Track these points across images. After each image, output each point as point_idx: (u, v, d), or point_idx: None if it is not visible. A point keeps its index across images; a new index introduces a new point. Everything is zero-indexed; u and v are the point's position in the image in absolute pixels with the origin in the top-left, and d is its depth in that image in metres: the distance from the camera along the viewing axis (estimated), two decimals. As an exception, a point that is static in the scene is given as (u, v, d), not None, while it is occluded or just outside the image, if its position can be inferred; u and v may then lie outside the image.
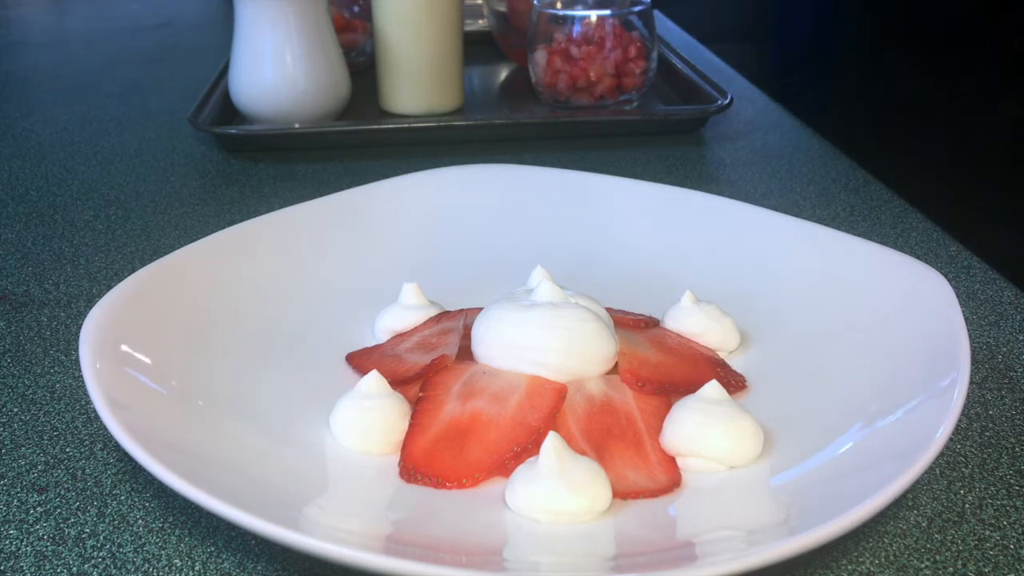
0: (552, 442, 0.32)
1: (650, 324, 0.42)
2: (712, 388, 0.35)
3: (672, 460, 0.34)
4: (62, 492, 0.35)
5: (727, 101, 0.73)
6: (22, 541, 0.32)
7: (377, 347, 0.42)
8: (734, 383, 0.38)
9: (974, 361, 0.41)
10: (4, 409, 0.40)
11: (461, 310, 0.43)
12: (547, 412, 0.35)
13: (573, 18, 0.76)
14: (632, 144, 0.72)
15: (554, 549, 0.30)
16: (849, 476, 0.30)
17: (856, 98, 1.49)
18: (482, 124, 0.72)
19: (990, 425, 0.38)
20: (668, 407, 0.35)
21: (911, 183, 0.72)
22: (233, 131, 0.71)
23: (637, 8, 0.77)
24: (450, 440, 0.34)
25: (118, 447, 0.37)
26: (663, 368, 0.38)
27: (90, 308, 0.36)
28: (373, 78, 0.78)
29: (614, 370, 0.37)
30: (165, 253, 0.41)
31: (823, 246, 0.43)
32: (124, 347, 0.35)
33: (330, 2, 0.78)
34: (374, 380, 0.36)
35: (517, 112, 0.81)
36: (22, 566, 0.31)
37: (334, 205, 0.48)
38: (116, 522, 0.33)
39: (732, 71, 0.94)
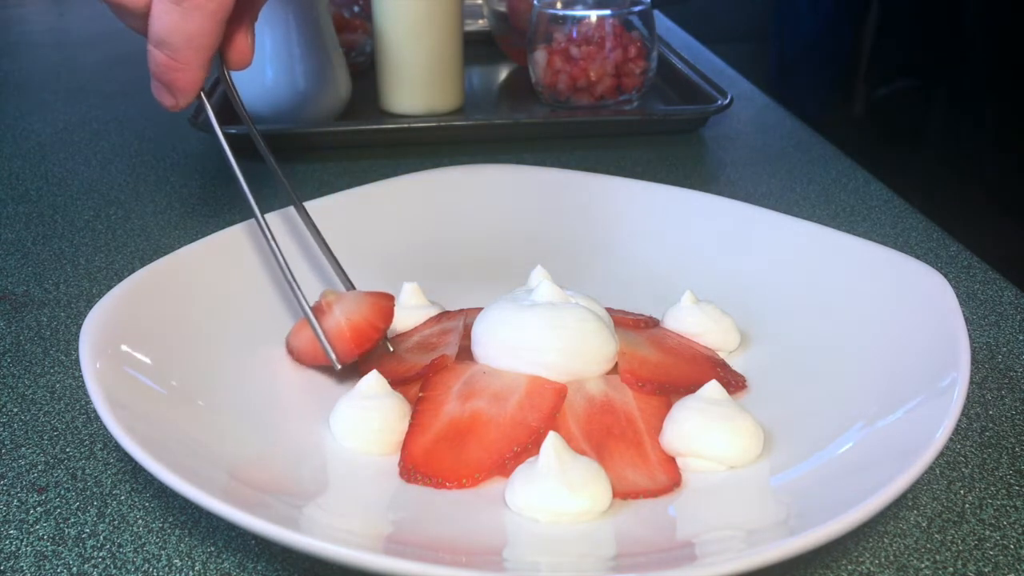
0: (552, 442, 0.32)
1: (650, 324, 0.42)
2: (712, 388, 0.35)
3: (672, 460, 0.34)
4: (62, 492, 0.35)
5: (727, 101, 0.73)
6: (22, 541, 0.32)
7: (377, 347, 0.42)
8: (734, 383, 0.38)
9: (974, 361, 0.41)
10: (4, 409, 0.40)
11: (461, 310, 0.43)
12: (547, 412, 0.35)
13: (573, 18, 0.76)
14: (632, 144, 0.72)
15: (554, 549, 0.30)
16: (849, 476, 0.30)
17: (856, 98, 1.49)
18: (482, 124, 0.72)
19: (990, 425, 0.38)
20: (668, 407, 0.35)
21: (911, 183, 0.72)
22: (233, 131, 0.71)
23: (637, 8, 0.77)
24: (450, 440, 0.34)
25: (118, 447, 0.37)
26: (663, 368, 0.38)
27: (90, 308, 0.36)
28: (373, 78, 0.78)
29: (614, 370, 0.37)
30: (165, 253, 0.41)
31: (823, 246, 0.43)
32: (124, 347, 0.35)
33: (330, 2, 0.78)
34: (374, 380, 0.36)
35: (517, 112, 0.81)
36: (22, 566, 0.31)
37: (334, 205, 0.48)
38: (116, 522, 0.33)
39: (732, 71, 0.94)
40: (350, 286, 0.44)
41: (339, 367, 0.38)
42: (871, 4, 1.44)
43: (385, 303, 0.40)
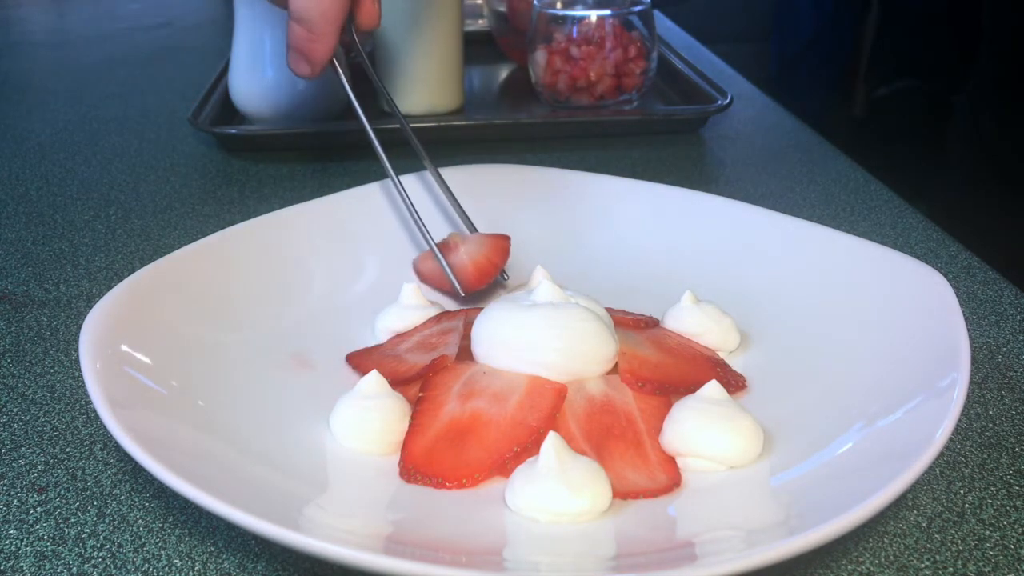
0: (552, 442, 0.32)
1: (650, 324, 0.42)
2: (712, 388, 0.35)
3: (672, 460, 0.34)
4: (62, 492, 0.35)
5: (727, 101, 0.73)
6: (22, 541, 0.32)
7: (377, 347, 0.42)
8: (734, 383, 0.38)
9: (974, 361, 0.41)
10: (4, 409, 0.40)
11: (461, 310, 0.43)
12: (547, 412, 0.35)
13: (573, 18, 0.76)
14: (632, 144, 0.72)
15: (554, 549, 0.30)
16: (849, 476, 0.30)
17: (856, 98, 1.50)
18: (482, 124, 0.72)
19: (990, 425, 0.38)
20: (668, 407, 0.35)
21: (911, 183, 0.72)
22: (233, 131, 0.71)
23: (637, 8, 0.77)
24: (450, 440, 0.34)
25: (118, 447, 0.37)
26: (663, 368, 0.38)
27: (90, 308, 0.36)
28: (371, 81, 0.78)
29: (614, 370, 0.37)
30: (165, 253, 0.41)
31: (823, 246, 0.43)
32: (124, 347, 0.35)
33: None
34: (374, 380, 0.36)
35: (517, 112, 0.81)
36: (22, 566, 0.31)
37: (334, 205, 0.48)
38: (116, 522, 0.33)
39: (732, 71, 0.94)
40: (473, 229, 0.49)
41: (463, 295, 0.44)
42: (871, 4, 1.44)
43: (502, 243, 0.46)
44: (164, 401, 0.34)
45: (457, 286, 0.44)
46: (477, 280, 0.45)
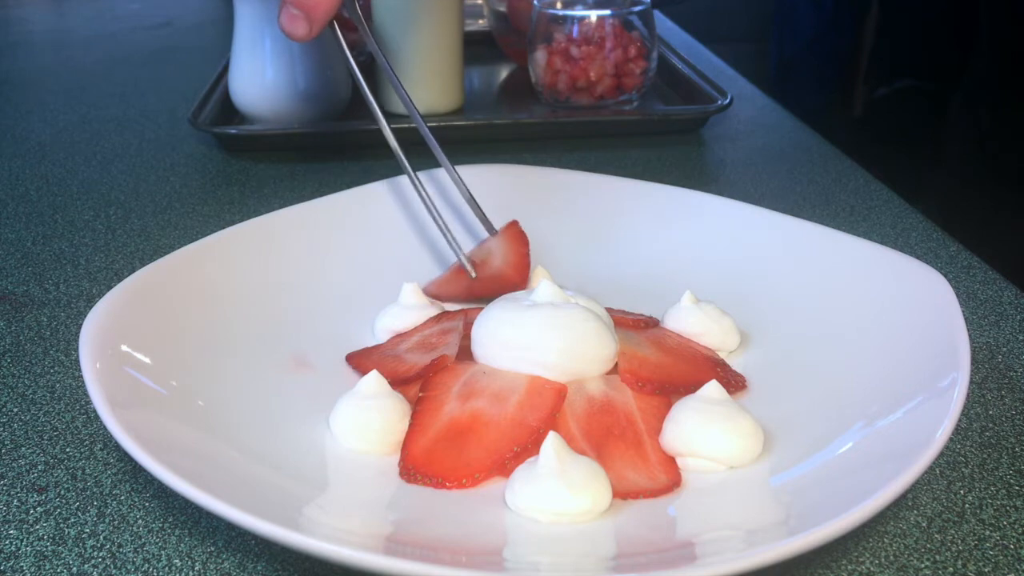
0: (552, 442, 0.32)
1: (650, 324, 0.42)
2: (712, 388, 0.35)
3: (672, 460, 0.34)
4: (62, 492, 0.35)
5: (727, 101, 0.73)
6: (22, 541, 0.32)
7: (377, 347, 0.42)
8: (734, 383, 0.38)
9: (974, 361, 0.41)
10: (4, 409, 0.40)
11: (461, 310, 0.43)
12: (547, 412, 0.35)
13: (573, 18, 0.76)
14: (632, 144, 0.72)
15: (554, 549, 0.30)
16: (849, 476, 0.30)
17: (856, 98, 1.50)
18: (482, 124, 0.72)
19: (990, 425, 0.38)
20: (668, 407, 0.35)
21: (911, 183, 0.72)
22: (233, 131, 0.71)
23: (637, 8, 0.77)
24: (450, 440, 0.34)
25: (118, 447, 0.37)
26: (663, 368, 0.38)
27: (90, 308, 0.36)
28: (373, 78, 0.78)
29: (614, 370, 0.37)
30: (165, 253, 0.41)
31: (823, 246, 0.43)
32: (124, 347, 0.35)
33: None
34: (374, 380, 0.36)
35: (517, 112, 0.81)
36: (22, 566, 0.31)
37: (334, 205, 0.48)
38: (116, 522, 0.33)
39: (732, 71, 0.94)
40: (489, 225, 0.48)
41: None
42: (871, 4, 1.44)
43: (515, 230, 0.47)
44: (164, 401, 0.34)
45: (469, 271, 0.45)
46: (523, 278, 0.45)
